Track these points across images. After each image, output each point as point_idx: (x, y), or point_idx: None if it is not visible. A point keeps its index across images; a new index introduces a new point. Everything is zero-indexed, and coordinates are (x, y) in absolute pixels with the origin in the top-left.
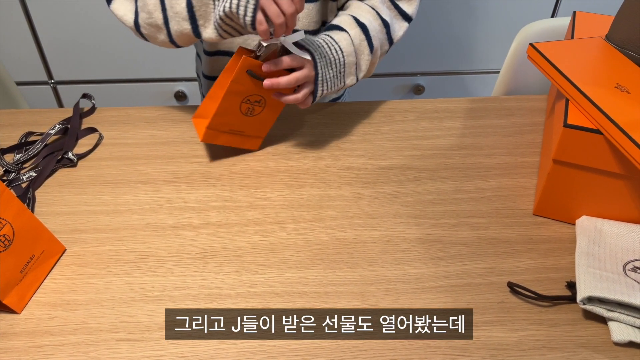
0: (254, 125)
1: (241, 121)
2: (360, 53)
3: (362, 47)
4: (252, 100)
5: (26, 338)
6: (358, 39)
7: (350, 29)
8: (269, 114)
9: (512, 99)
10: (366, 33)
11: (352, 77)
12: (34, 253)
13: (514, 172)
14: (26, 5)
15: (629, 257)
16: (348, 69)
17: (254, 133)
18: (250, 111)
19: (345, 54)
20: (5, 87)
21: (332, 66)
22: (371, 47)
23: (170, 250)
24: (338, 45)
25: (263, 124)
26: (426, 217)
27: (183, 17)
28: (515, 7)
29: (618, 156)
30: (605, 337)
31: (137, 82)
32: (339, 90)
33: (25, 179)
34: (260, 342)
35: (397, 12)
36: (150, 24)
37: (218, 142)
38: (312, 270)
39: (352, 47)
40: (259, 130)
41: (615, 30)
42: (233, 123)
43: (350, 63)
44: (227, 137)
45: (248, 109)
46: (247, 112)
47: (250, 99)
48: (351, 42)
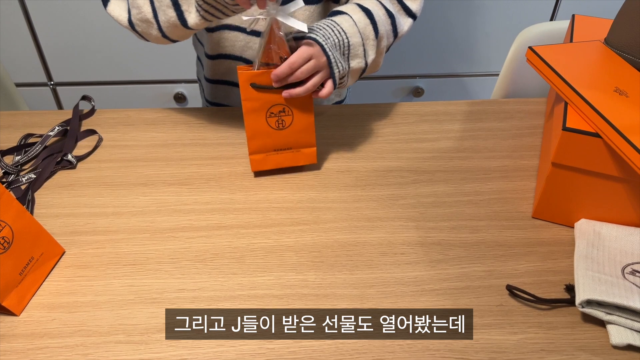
0: (295, 137)
1: (280, 137)
2: (366, 37)
3: (367, 31)
4: (276, 111)
5: (25, 340)
6: (363, 23)
7: (354, 13)
8: (303, 119)
9: (512, 102)
10: (371, 17)
11: (359, 59)
12: (33, 255)
13: (513, 175)
14: (26, 7)
15: (628, 260)
16: (354, 51)
17: (302, 144)
18: (282, 124)
19: (349, 35)
20: (5, 88)
21: (337, 47)
22: (376, 31)
23: (170, 252)
24: (340, 26)
25: (304, 132)
26: (425, 219)
27: (167, 5)
28: (514, 11)
29: (617, 159)
30: (604, 340)
31: (137, 84)
32: (348, 77)
33: (24, 181)
34: (260, 344)
35: (400, 7)
36: (141, 19)
37: (269, 167)
38: (311, 273)
39: (355, 28)
40: (305, 139)
41: (614, 34)
42: (273, 142)
43: (355, 44)
44: (276, 157)
45: (277, 122)
46: (278, 126)
47: (273, 112)
48: (354, 24)
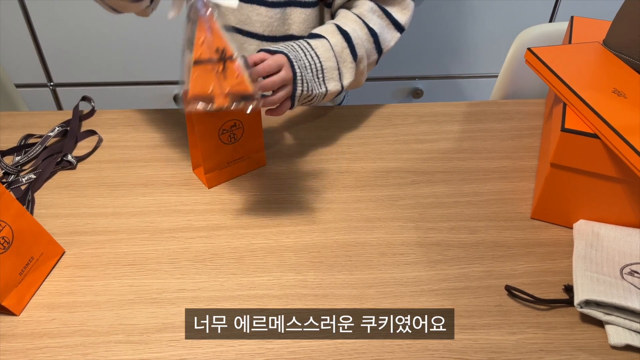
0: (245, 146)
1: (232, 150)
2: (343, 61)
3: (345, 54)
4: (228, 127)
5: (25, 340)
6: (339, 47)
7: (332, 36)
8: (254, 128)
9: (510, 103)
10: (348, 41)
11: (334, 82)
12: (33, 255)
13: (512, 175)
14: (26, 8)
15: (626, 261)
16: (329, 74)
17: (251, 152)
18: (233, 137)
19: (322, 59)
20: (5, 89)
21: (307, 69)
22: (354, 55)
23: (169, 252)
24: (314, 50)
25: (254, 139)
26: (424, 220)
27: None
28: (513, 12)
29: (615, 160)
30: (603, 341)
31: (136, 85)
32: (322, 98)
33: (24, 181)
34: (259, 344)
35: (389, 22)
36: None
37: (225, 180)
38: (310, 273)
39: (331, 52)
40: (254, 146)
41: (612, 36)
42: (226, 156)
43: (330, 68)
44: (229, 170)
45: (229, 137)
46: (230, 140)
47: (225, 128)
48: (330, 48)
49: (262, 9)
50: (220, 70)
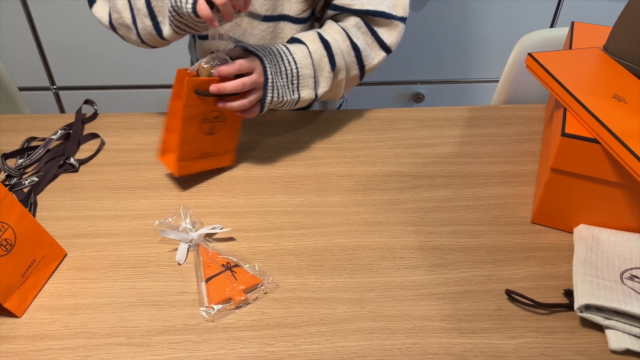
0: (221, 142)
1: (208, 142)
2: (321, 69)
3: (323, 63)
4: (211, 117)
5: (26, 342)
6: (318, 55)
7: (312, 43)
8: (232, 126)
9: (511, 108)
10: (328, 50)
11: (308, 90)
12: (35, 257)
13: (513, 180)
14: (29, 11)
15: (626, 266)
16: (304, 82)
17: (224, 149)
18: (213, 129)
19: (299, 66)
20: (8, 92)
21: (282, 75)
22: (332, 65)
23: (171, 255)
24: (292, 56)
25: (229, 138)
26: (425, 224)
27: (144, 14)
28: (514, 17)
29: (615, 165)
30: (603, 345)
31: (139, 88)
32: (295, 104)
33: (27, 184)
34: (260, 347)
35: (373, 40)
36: (121, 23)
37: (194, 171)
38: (311, 277)
39: (309, 59)
40: (228, 144)
41: (612, 41)
42: (201, 147)
43: (305, 75)
44: (200, 162)
45: (210, 128)
46: (210, 131)
47: (208, 117)
48: (309, 55)
49: (255, 23)
50: (230, 275)
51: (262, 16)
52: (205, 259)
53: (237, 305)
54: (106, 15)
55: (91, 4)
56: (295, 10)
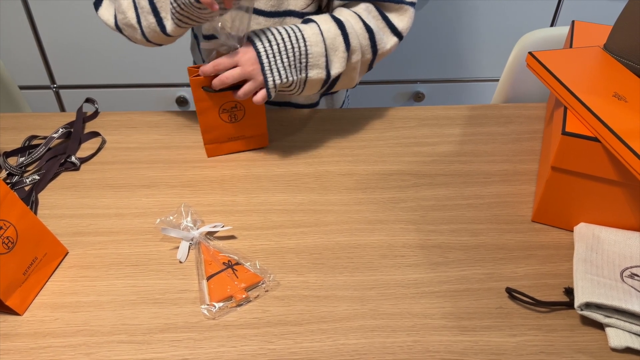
0: (247, 127)
1: (232, 128)
2: (334, 49)
3: (337, 42)
4: (228, 107)
5: (28, 339)
6: (332, 33)
7: (324, 23)
8: (254, 111)
9: (512, 107)
10: (342, 29)
11: (318, 70)
12: (37, 255)
13: (513, 179)
14: (29, 10)
15: (626, 264)
16: (313, 60)
17: (253, 133)
18: (234, 117)
19: (308, 44)
20: (9, 91)
21: (287, 54)
22: (347, 44)
23: (172, 253)
24: (302, 33)
25: (255, 123)
26: (426, 222)
27: (147, 11)
28: (515, 16)
29: (616, 164)
30: (603, 343)
31: (140, 87)
32: (303, 86)
33: (28, 182)
34: (261, 345)
35: (385, 25)
36: (126, 24)
37: (225, 152)
38: (312, 275)
39: (320, 37)
40: (256, 129)
41: (613, 40)
42: (226, 133)
43: (315, 54)
44: (230, 145)
45: (230, 116)
46: (231, 119)
47: (225, 108)
48: (319, 33)
49: (261, 19)
50: (232, 273)
51: (268, 12)
52: (207, 257)
53: (238, 303)
54: (112, 18)
55: (97, 7)
56: (300, 5)
